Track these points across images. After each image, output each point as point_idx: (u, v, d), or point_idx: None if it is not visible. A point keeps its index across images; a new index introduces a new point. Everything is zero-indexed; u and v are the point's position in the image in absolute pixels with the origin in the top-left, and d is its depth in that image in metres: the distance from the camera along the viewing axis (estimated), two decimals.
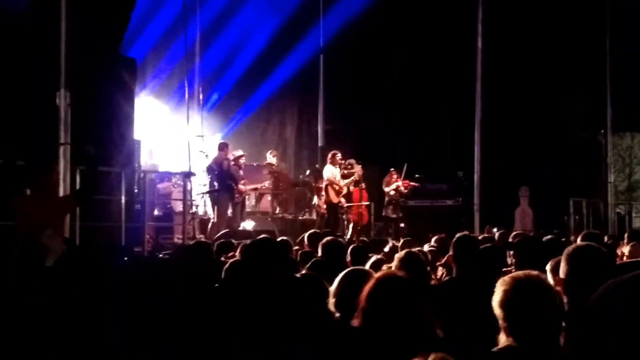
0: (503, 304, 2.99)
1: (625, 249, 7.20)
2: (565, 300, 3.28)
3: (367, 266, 5.41)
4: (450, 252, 5.57)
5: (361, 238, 9.54)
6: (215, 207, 13.77)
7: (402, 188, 15.85)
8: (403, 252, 5.38)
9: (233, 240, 7.54)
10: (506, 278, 3.09)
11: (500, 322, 3.00)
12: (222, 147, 14.25)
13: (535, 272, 3.12)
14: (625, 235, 8.84)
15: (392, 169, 16.08)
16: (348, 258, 6.29)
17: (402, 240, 8.11)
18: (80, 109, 9.29)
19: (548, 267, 3.99)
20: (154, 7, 17.09)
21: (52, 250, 4.21)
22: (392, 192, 15.90)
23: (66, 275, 3.95)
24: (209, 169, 13.98)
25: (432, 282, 5.79)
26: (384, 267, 5.27)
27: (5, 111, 9.37)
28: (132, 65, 12.22)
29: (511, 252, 5.97)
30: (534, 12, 17.54)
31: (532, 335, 2.92)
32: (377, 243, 9.62)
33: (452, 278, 5.63)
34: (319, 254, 6.34)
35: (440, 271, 6.87)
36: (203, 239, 11.79)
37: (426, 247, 7.59)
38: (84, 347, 3.53)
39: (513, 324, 2.96)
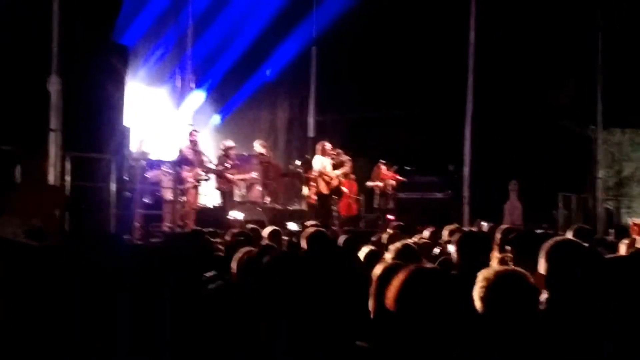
0: (484, 299, 3.00)
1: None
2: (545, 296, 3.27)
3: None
4: None
5: (347, 229, 9.54)
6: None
7: (390, 181, 15.86)
8: (399, 243, 5.38)
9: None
10: (489, 272, 3.09)
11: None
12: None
13: (516, 269, 3.12)
14: None
15: (380, 161, 16.01)
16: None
17: (389, 233, 8.10)
18: (71, 95, 9.28)
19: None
20: None
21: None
22: (379, 184, 15.86)
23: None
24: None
25: None
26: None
27: None
28: (123, 53, 12.21)
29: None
30: (527, 8, 17.54)
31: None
32: (364, 235, 9.63)
33: None
34: (304, 245, 6.24)
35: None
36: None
37: (415, 239, 7.61)
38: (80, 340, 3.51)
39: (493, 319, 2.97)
